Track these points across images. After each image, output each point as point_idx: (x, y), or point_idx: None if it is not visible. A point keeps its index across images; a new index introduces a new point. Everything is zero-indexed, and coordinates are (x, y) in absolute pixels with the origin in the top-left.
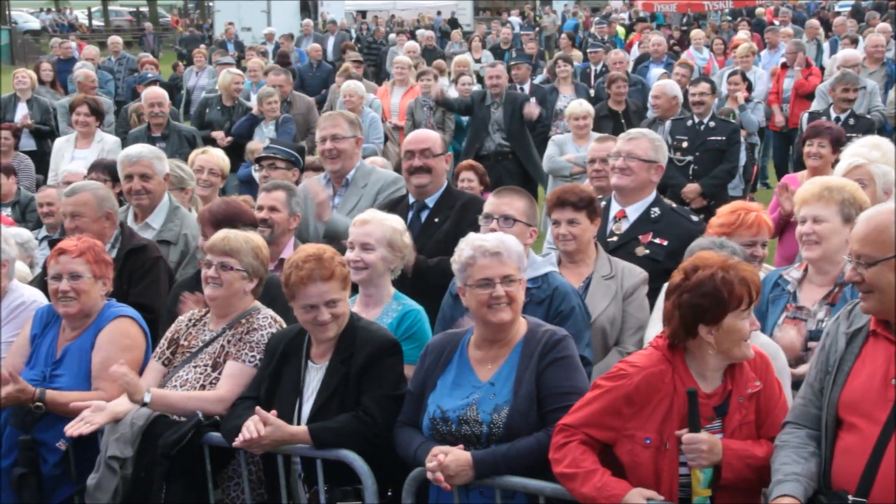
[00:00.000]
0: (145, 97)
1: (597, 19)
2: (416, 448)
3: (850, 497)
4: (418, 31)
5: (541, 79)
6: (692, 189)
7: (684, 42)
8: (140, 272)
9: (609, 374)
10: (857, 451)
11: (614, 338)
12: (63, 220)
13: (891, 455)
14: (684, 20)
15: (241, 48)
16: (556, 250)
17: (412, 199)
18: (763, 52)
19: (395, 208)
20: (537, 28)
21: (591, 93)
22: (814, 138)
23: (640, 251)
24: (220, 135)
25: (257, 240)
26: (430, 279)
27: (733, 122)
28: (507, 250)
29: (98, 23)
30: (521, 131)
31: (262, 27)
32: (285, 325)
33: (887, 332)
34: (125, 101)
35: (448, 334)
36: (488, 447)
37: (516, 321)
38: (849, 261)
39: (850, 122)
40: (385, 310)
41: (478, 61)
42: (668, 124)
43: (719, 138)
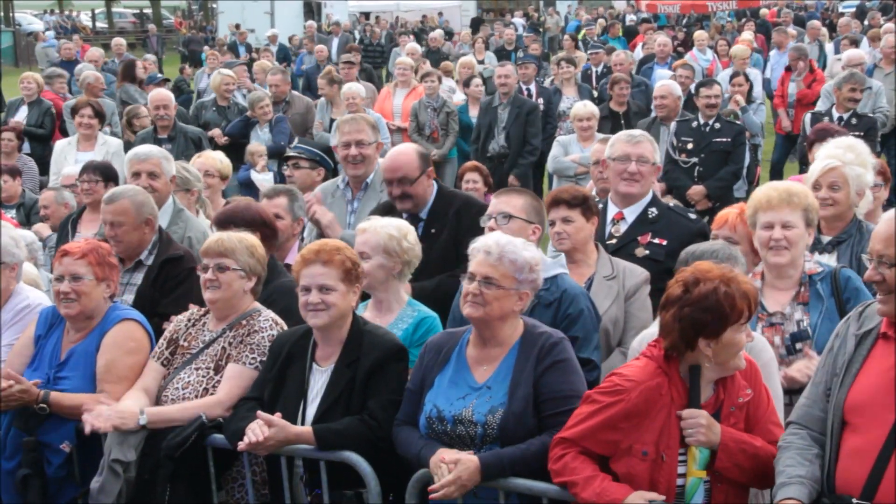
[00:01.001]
0: (151, 99)
1: (586, 19)
2: (420, 448)
3: (854, 500)
4: (432, 33)
5: (547, 82)
6: (697, 191)
7: (688, 43)
8: (173, 282)
9: (604, 389)
10: (863, 453)
11: (617, 338)
12: (103, 228)
13: None
14: (684, 21)
15: (250, 50)
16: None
17: (405, 214)
18: (772, 53)
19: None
20: (541, 30)
21: (595, 94)
22: (819, 142)
23: (640, 252)
24: (216, 132)
25: (251, 239)
26: (435, 302)
27: (738, 123)
28: (503, 253)
29: (102, 24)
30: (520, 136)
31: (265, 29)
32: (286, 327)
33: None
34: (129, 104)
35: (448, 333)
36: (482, 448)
37: (490, 321)
38: (869, 260)
39: (853, 121)
40: (399, 315)
41: (481, 62)
42: (673, 125)
43: (725, 140)
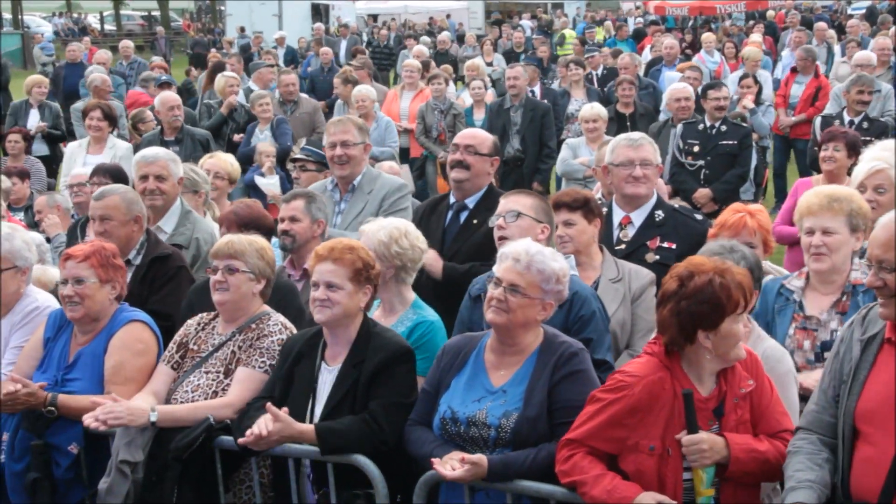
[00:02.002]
0: (161, 101)
1: (585, 24)
2: (432, 450)
3: None
4: (440, 35)
5: (555, 84)
6: (703, 194)
7: (695, 45)
8: (162, 280)
9: (608, 387)
10: (876, 461)
11: (625, 341)
12: (92, 224)
13: None
14: (690, 23)
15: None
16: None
17: (453, 200)
18: (784, 53)
19: (436, 208)
20: (549, 32)
21: (602, 95)
22: (829, 142)
23: (651, 257)
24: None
25: (261, 241)
26: (460, 286)
27: (745, 125)
28: (531, 262)
29: (110, 27)
30: (535, 139)
31: (273, 31)
32: (296, 330)
33: None
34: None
35: (467, 336)
36: (494, 451)
37: (512, 328)
38: (869, 266)
39: (864, 125)
40: (401, 318)
41: (489, 65)
42: (679, 128)
43: (731, 142)
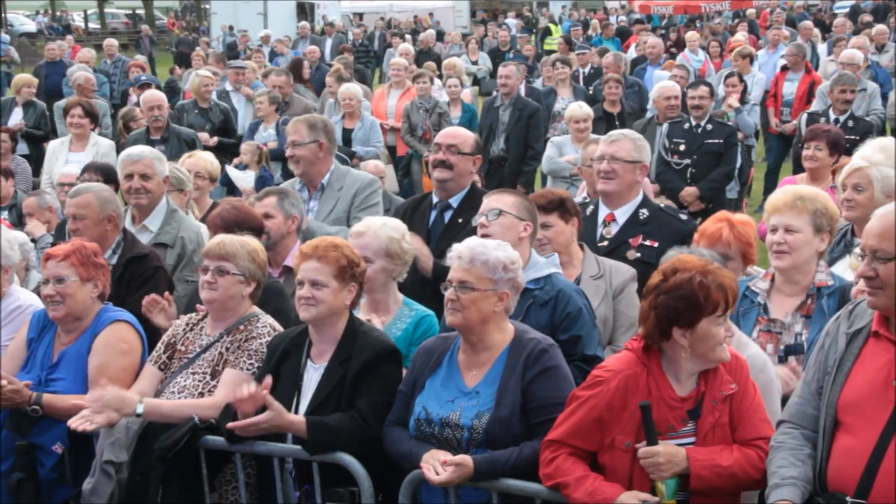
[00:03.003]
0: (144, 100)
1: (571, 22)
2: (410, 448)
3: (848, 499)
4: (423, 33)
5: (538, 83)
6: (690, 193)
7: (680, 44)
8: (139, 281)
9: (586, 384)
10: (856, 452)
11: (606, 337)
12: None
13: (891, 457)
14: (664, 22)
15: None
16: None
17: (436, 199)
18: (761, 52)
19: (418, 207)
20: (534, 30)
21: (590, 94)
22: (811, 141)
23: (632, 255)
24: (204, 136)
25: (254, 243)
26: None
27: (730, 124)
28: (473, 256)
29: (94, 25)
30: (520, 139)
31: (258, 30)
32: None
33: (889, 333)
34: (121, 105)
35: (441, 337)
36: (468, 451)
37: (471, 325)
38: (861, 255)
39: (850, 124)
40: (397, 315)
41: (474, 63)
42: (665, 127)
43: (717, 141)
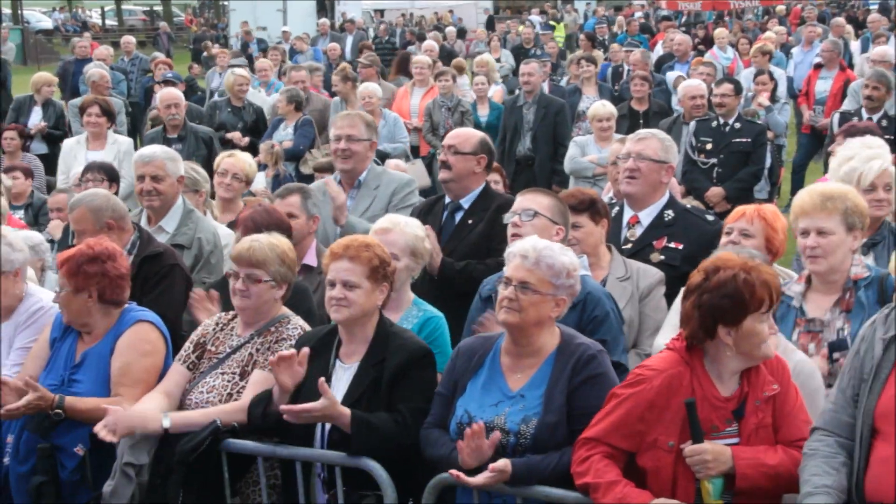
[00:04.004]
0: (161, 98)
1: (596, 19)
2: (451, 451)
3: None
4: (447, 30)
5: (564, 81)
6: (716, 193)
7: (708, 41)
8: (154, 280)
9: (627, 382)
10: (894, 461)
11: (632, 340)
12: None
13: None
14: (683, 20)
15: (265, 49)
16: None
17: (448, 200)
18: (795, 50)
19: (432, 209)
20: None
21: (616, 93)
22: (849, 139)
23: (656, 257)
24: (236, 135)
25: (283, 244)
26: (456, 283)
27: (759, 123)
28: (540, 258)
29: (111, 22)
30: (547, 138)
31: (277, 26)
32: None
33: None
34: (138, 102)
35: (481, 338)
36: (514, 457)
37: (526, 328)
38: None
39: (883, 122)
40: (405, 315)
41: (497, 60)
42: (692, 125)
43: (745, 140)
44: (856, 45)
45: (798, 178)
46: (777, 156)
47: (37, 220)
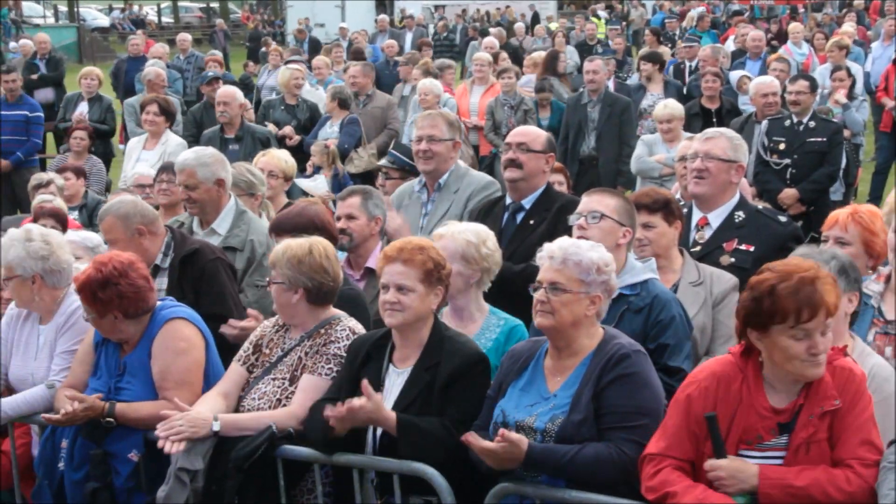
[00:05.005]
0: (217, 96)
1: (664, 14)
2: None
3: None
4: (516, 26)
5: (634, 78)
6: (789, 195)
7: (782, 36)
8: (202, 280)
9: (681, 388)
10: None
11: (704, 347)
12: None
13: None
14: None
15: (318, 47)
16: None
17: (509, 200)
18: (875, 45)
19: (492, 210)
20: (624, 22)
21: (684, 90)
22: None
23: (725, 260)
24: (288, 130)
25: (297, 249)
26: (515, 286)
27: (835, 121)
28: (566, 257)
29: (168, 19)
30: (613, 137)
31: (336, 23)
32: None
33: None
34: (194, 101)
35: (531, 341)
36: None
37: (562, 329)
38: None
39: None
40: (485, 325)
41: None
42: (764, 124)
43: (820, 139)
44: None
45: (880, 182)
46: (854, 155)
47: (91, 220)
